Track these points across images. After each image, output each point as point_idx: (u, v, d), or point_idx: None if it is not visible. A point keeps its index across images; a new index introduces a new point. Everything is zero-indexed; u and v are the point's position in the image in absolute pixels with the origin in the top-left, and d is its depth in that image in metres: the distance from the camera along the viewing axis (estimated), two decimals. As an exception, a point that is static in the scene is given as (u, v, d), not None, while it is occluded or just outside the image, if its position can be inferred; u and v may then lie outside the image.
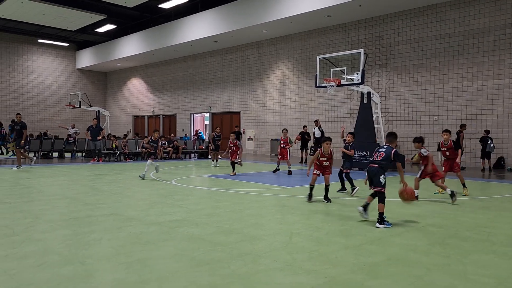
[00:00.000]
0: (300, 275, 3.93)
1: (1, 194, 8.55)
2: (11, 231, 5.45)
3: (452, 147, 9.44)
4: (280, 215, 6.81)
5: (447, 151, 9.55)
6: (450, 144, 9.47)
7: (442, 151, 9.67)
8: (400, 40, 19.04)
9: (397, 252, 4.78)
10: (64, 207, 7.26)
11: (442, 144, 9.61)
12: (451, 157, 9.49)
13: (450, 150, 9.49)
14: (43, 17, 26.53)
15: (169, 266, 4.15)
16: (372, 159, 6.51)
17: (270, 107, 24.77)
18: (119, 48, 31.88)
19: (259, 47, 25.31)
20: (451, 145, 9.45)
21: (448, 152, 9.54)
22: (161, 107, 33.24)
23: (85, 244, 4.87)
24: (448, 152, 9.54)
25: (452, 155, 9.48)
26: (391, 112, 19.38)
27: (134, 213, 6.81)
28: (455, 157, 9.44)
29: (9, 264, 4.09)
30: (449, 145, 9.47)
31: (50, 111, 36.30)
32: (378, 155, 6.45)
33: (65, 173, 13.02)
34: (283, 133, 14.18)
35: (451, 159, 9.50)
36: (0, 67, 33.70)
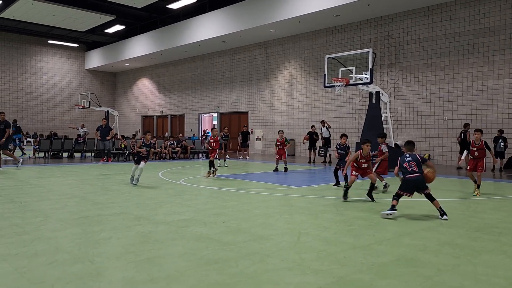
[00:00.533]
0: (308, 275, 3.93)
1: (12, 193, 8.65)
2: (22, 229, 5.52)
3: (483, 147, 9.36)
4: (288, 215, 6.81)
5: (476, 151, 9.45)
6: (481, 144, 9.36)
7: (472, 150, 9.56)
8: (409, 39, 18.91)
9: (406, 252, 4.75)
10: (74, 206, 7.33)
11: (473, 144, 9.51)
12: (479, 157, 9.41)
13: (480, 150, 9.40)
14: (53, 18, 26.81)
15: (178, 265, 4.17)
16: (410, 170, 6.82)
17: (278, 107, 24.76)
18: (128, 49, 32.08)
19: (267, 47, 25.31)
20: (482, 146, 9.36)
21: (477, 152, 9.44)
22: (170, 107, 33.39)
23: (94, 243, 4.91)
24: (477, 152, 9.44)
25: (480, 155, 9.41)
26: (400, 112, 19.26)
27: (143, 212, 6.85)
28: (483, 157, 9.39)
29: (20, 262, 4.14)
30: (480, 145, 9.37)
31: (60, 112, 36.66)
32: (411, 164, 6.84)
33: (74, 172, 13.14)
34: (279, 134, 14.28)
35: (478, 159, 9.42)
36: (11, 67, 34.11)
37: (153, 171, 13.65)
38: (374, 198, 8.31)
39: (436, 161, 18.04)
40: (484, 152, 9.39)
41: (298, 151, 23.51)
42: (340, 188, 9.39)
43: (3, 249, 4.60)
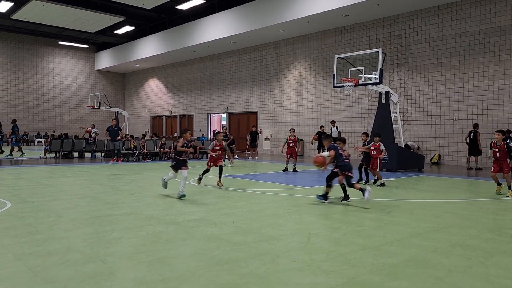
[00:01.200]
0: (318, 276, 3.93)
1: (25, 193, 8.77)
2: (35, 229, 5.59)
3: (504, 149, 9.20)
4: (298, 215, 6.81)
5: (498, 152, 9.29)
6: (503, 145, 9.21)
7: (493, 151, 9.42)
8: (419, 38, 18.79)
9: (417, 253, 4.73)
10: (85, 206, 7.41)
11: (494, 145, 9.37)
12: (501, 158, 9.26)
13: (501, 152, 9.24)
14: (64, 19, 27.08)
15: (189, 265, 4.20)
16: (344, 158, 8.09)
17: (287, 107, 24.74)
18: (137, 49, 32.29)
19: (276, 47, 25.31)
20: (503, 147, 9.20)
21: (498, 153, 9.28)
22: (179, 107, 33.53)
23: (106, 243, 4.97)
24: (498, 153, 9.28)
25: (502, 157, 9.26)
26: (409, 112, 19.14)
27: (154, 212, 6.90)
28: (505, 158, 9.25)
29: (34, 262, 4.20)
30: (502, 146, 9.22)
31: (71, 112, 37.02)
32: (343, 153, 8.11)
33: (85, 172, 13.26)
34: (291, 132, 14.28)
35: (501, 160, 9.27)
36: (22, 68, 34.52)
37: (163, 171, 13.72)
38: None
39: (446, 162, 17.91)
40: (505, 153, 9.22)
41: (306, 151, 23.47)
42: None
43: (18, 248, 4.68)
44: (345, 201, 8.03)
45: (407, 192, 9.74)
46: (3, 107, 33.57)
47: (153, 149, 19.96)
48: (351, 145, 21.18)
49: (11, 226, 5.76)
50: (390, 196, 9.11)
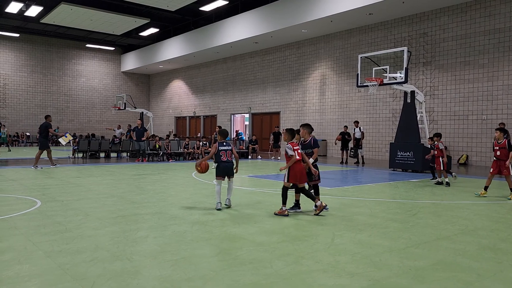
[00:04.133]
0: (343, 277, 3.90)
1: (54, 192, 9.01)
2: (64, 227, 5.74)
3: (505, 147, 8.78)
4: (321, 217, 6.76)
5: (498, 150, 8.90)
6: (504, 143, 8.81)
7: (495, 150, 9.03)
8: (446, 36, 18.37)
9: (445, 256, 4.62)
10: (111, 205, 7.56)
11: (496, 143, 9.01)
12: (501, 157, 8.84)
13: (502, 149, 8.84)
14: (91, 23, 27.74)
15: (213, 264, 4.23)
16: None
17: (310, 107, 24.61)
18: (161, 51, 32.75)
19: (298, 47, 25.21)
20: (504, 145, 8.79)
21: (499, 151, 8.88)
22: (202, 108, 33.82)
23: (132, 241, 5.05)
24: (499, 151, 8.88)
25: (503, 156, 8.83)
26: (436, 112, 18.73)
27: (178, 212, 6.98)
28: (506, 158, 8.79)
29: (63, 259, 4.32)
30: (503, 144, 8.82)
31: (97, 113, 37.86)
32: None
33: (111, 172, 13.53)
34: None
35: (501, 160, 8.86)
36: (52, 71, 35.52)
37: (186, 171, 13.88)
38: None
39: (474, 162, 17.44)
40: (506, 152, 8.76)
41: (330, 152, 23.29)
42: (383, 190, 9.18)
43: (47, 246, 4.81)
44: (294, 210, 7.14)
45: (433, 194, 9.54)
46: (34, 109, 34.62)
47: (177, 149, 20.19)
48: (375, 145, 20.89)
49: (41, 224, 5.93)
50: (416, 197, 8.94)
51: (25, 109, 34.21)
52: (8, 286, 3.59)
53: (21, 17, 27.97)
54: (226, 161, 7.36)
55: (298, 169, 6.71)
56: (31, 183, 10.48)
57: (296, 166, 6.71)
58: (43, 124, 14.83)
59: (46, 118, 15.05)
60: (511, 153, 8.73)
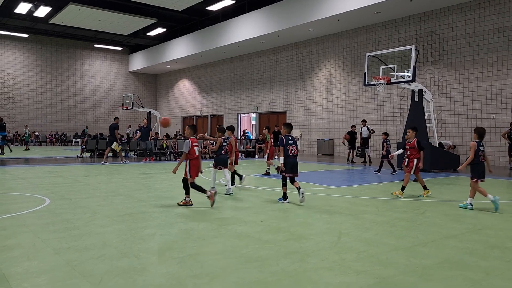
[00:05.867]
0: (349, 275, 3.89)
1: (63, 190, 9.10)
2: (72, 225, 5.80)
3: (415, 146, 8.64)
4: (328, 215, 6.76)
5: (408, 150, 8.78)
6: (413, 143, 8.69)
7: (405, 149, 8.92)
8: (454, 35, 18.22)
9: (452, 255, 4.60)
10: (119, 203, 7.61)
11: (407, 142, 8.90)
12: (411, 157, 8.67)
13: (411, 149, 8.70)
14: (99, 23, 27.92)
15: (219, 262, 4.25)
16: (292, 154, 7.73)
17: (316, 106, 24.56)
18: (168, 51, 32.86)
19: (305, 46, 25.17)
20: (414, 144, 8.67)
21: (409, 151, 8.75)
22: (209, 107, 33.89)
23: (139, 239, 5.09)
24: (409, 151, 8.75)
25: (412, 155, 8.66)
26: (444, 111, 18.60)
27: (185, 210, 7.01)
28: (416, 158, 8.61)
29: (71, 256, 4.37)
30: (412, 143, 8.71)
31: (105, 113, 38.08)
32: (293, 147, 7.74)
33: (119, 171, 13.61)
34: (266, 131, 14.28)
35: (411, 160, 8.67)
36: (60, 71, 35.80)
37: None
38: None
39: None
40: (416, 151, 8.61)
41: (337, 151, 23.22)
42: (389, 188, 9.14)
43: (56, 243, 4.87)
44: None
45: (441, 193, 9.48)
46: (42, 108, 34.92)
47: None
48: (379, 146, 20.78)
49: (50, 222, 5.99)
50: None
51: (34, 109, 34.51)
52: (18, 282, 3.63)
53: (30, 17, 28.21)
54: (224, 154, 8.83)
55: (196, 164, 7.32)
56: (40, 181, 10.58)
57: (195, 162, 7.29)
58: (112, 125, 16.87)
59: (115, 120, 17.23)
60: (422, 152, 8.65)
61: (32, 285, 3.57)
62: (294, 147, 7.79)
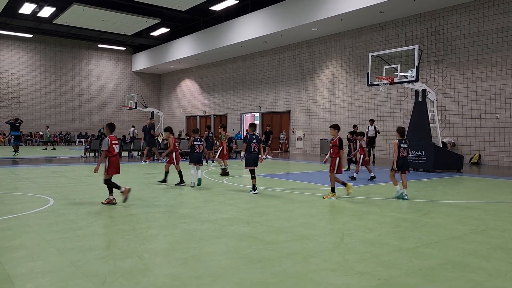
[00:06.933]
0: (352, 276, 3.90)
1: (67, 191, 9.14)
2: (76, 225, 5.83)
3: (337, 144, 8.49)
4: (331, 215, 6.76)
5: (331, 148, 8.63)
6: (335, 141, 8.54)
7: (330, 147, 8.78)
8: (458, 34, 18.16)
9: (455, 256, 4.60)
10: (122, 203, 7.64)
11: (331, 140, 8.77)
12: (333, 155, 8.53)
13: (334, 147, 8.54)
14: (103, 23, 27.99)
15: (222, 262, 4.26)
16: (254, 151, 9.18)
17: (320, 106, 24.54)
18: (172, 51, 32.91)
19: (308, 46, 25.14)
20: (336, 143, 8.52)
21: (332, 149, 8.61)
22: (212, 107, 33.92)
23: (142, 239, 5.11)
24: (332, 149, 8.61)
25: (334, 154, 8.53)
26: (448, 110, 18.55)
27: (188, 210, 7.04)
28: (337, 156, 8.47)
29: (75, 256, 4.39)
30: (335, 142, 8.56)
31: (109, 112, 38.19)
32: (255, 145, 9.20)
33: (123, 171, 13.60)
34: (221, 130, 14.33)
35: (334, 158, 8.52)
36: (64, 71, 35.92)
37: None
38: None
39: (487, 162, 17.23)
40: (337, 150, 8.47)
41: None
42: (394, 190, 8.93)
43: (60, 243, 4.89)
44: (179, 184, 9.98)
45: (444, 193, 9.46)
46: (47, 108, 35.06)
47: (187, 148, 20.25)
48: (386, 144, 20.74)
49: (54, 222, 6.03)
50: (426, 197, 8.87)
51: (38, 108, 34.66)
52: (22, 282, 3.66)
53: (34, 18, 28.32)
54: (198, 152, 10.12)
55: (115, 162, 7.60)
56: (45, 181, 10.63)
57: (113, 160, 7.57)
58: (148, 126, 17.98)
59: (149, 120, 18.42)
60: (342, 151, 8.53)
61: (36, 285, 3.60)
62: (256, 145, 9.22)
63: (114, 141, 7.57)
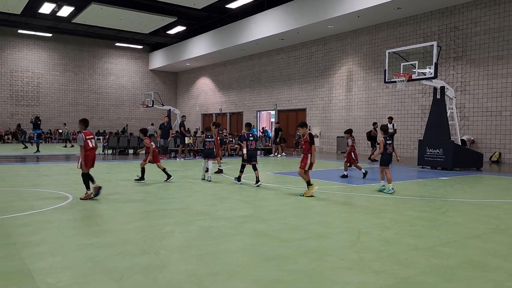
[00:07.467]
0: (368, 275, 3.87)
1: (85, 187, 9.27)
2: (94, 221, 5.92)
3: (308, 140, 8.44)
4: (347, 214, 6.71)
5: (303, 145, 8.60)
6: (306, 137, 8.50)
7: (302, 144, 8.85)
8: (478, 30, 17.79)
9: (474, 255, 4.52)
10: (139, 200, 7.73)
11: (303, 138, 8.72)
12: (305, 152, 8.48)
13: (305, 143, 8.50)
14: (120, 22, 28.33)
15: (238, 260, 4.27)
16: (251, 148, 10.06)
17: (336, 104, 24.36)
18: (188, 49, 33.10)
19: (325, 43, 24.97)
20: (307, 139, 8.48)
21: (304, 146, 8.60)
22: (228, 105, 34.01)
23: (159, 236, 5.16)
24: (304, 146, 8.60)
25: (306, 150, 8.48)
26: (467, 108, 18.20)
27: (204, 207, 7.08)
28: (306, 153, 8.43)
29: (93, 252, 4.46)
30: (305, 138, 8.51)
31: (126, 110, 38.65)
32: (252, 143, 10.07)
33: (140, 168, 13.77)
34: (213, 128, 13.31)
35: (306, 155, 8.46)
36: (82, 69, 36.49)
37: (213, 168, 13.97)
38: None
39: (508, 160, 16.86)
40: (308, 146, 8.39)
41: (357, 149, 22.93)
42: (411, 188, 9.01)
43: (78, 239, 4.98)
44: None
45: (463, 192, 9.30)
46: (66, 106, 35.68)
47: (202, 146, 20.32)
48: (403, 142, 20.47)
49: (72, 218, 6.13)
50: (445, 195, 8.74)
51: (58, 107, 35.29)
52: (42, 277, 3.74)
53: (54, 17, 28.81)
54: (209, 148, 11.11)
55: (90, 155, 7.80)
56: (64, 178, 10.83)
57: (88, 153, 7.76)
58: (180, 123, 18.77)
59: (182, 118, 19.11)
60: (313, 146, 8.41)
61: (56, 280, 3.67)
62: (253, 142, 10.14)
63: (88, 136, 7.87)
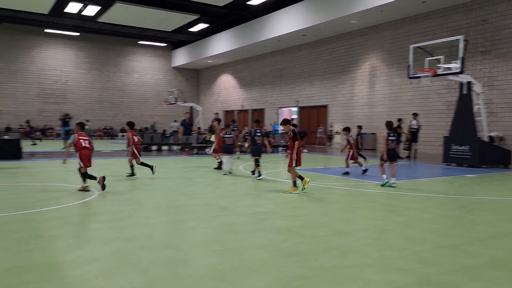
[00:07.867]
0: (390, 273, 3.83)
1: (109, 183, 9.46)
2: (118, 216, 6.06)
3: (291, 137, 8.26)
4: (369, 211, 6.65)
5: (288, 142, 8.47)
6: (289, 134, 8.34)
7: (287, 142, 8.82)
8: (508, 23, 17.24)
9: (501, 254, 4.41)
10: (163, 196, 7.86)
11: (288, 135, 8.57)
12: (291, 149, 8.29)
13: (289, 140, 8.36)
14: (144, 20, 28.75)
15: (259, 255, 4.30)
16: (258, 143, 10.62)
17: (358, 100, 24.08)
18: (210, 46, 33.29)
19: (347, 39, 24.69)
20: (290, 135, 8.31)
21: (289, 142, 8.45)
22: (250, 101, 34.07)
23: (182, 231, 5.24)
24: (289, 142, 8.45)
25: (290, 147, 8.33)
26: (495, 103, 17.70)
27: (226, 203, 7.14)
28: (291, 149, 8.26)
29: (118, 246, 4.57)
30: (289, 135, 8.35)
31: (150, 107, 39.23)
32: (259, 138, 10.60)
33: (163, 165, 13.99)
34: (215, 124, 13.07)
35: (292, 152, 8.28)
36: (107, 67, 37.21)
37: (235, 164, 14.06)
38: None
39: (538, 157, 16.31)
40: (292, 143, 8.21)
41: (379, 145, 22.68)
42: (436, 185, 8.84)
43: (104, 232, 5.11)
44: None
45: (490, 190, 9.07)
46: (91, 104, 36.48)
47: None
48: (428, 139, 20.08)
49: (98, 213, 6.29)
50: (471, 193, 8.54)
51: (84, 104, 36.11)
52: (69, 269, 3.85)
53: (80, 16, 29.45)
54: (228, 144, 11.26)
55: (85, 154, 8.08)
56: (89, 174, 11.07)
57: (83, 152, 8.06)
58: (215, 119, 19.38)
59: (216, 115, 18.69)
60: (296, 143, 8.19)
61: (83, 272, 3.77)
62: (260, 138, 10.60)
63: (81, 137, 8.18)
